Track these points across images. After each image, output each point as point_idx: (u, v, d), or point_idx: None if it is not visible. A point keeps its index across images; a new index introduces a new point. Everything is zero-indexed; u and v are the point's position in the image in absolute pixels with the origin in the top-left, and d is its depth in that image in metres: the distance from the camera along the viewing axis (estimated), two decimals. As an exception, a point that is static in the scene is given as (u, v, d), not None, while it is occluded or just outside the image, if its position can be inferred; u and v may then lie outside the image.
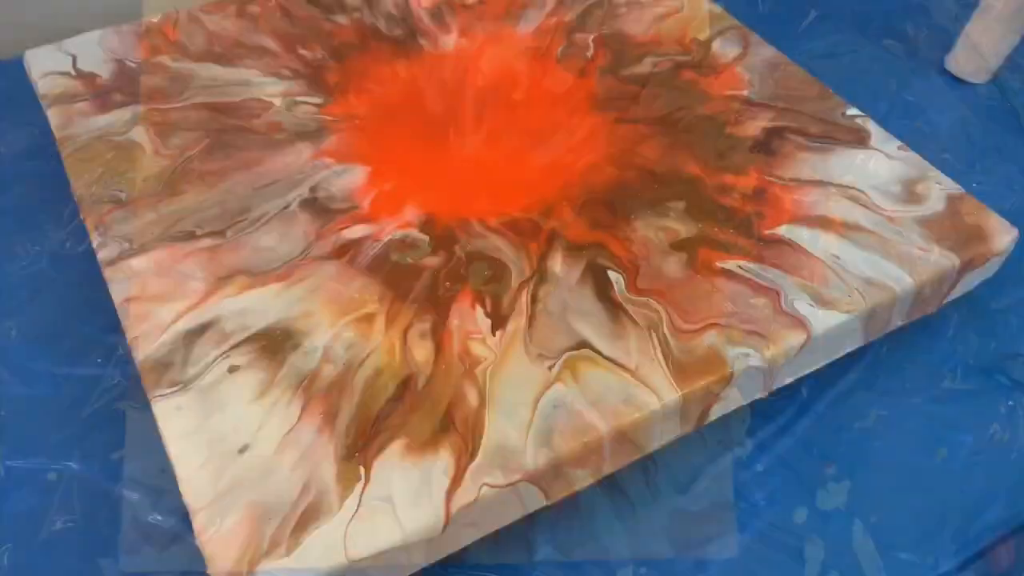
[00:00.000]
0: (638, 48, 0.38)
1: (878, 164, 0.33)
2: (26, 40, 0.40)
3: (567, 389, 0.26)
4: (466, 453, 0.24)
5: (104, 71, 0.37)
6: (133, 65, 0.37)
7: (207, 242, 0.30)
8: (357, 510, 0.23)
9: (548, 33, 0.39)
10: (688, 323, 0.28)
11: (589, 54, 0.38)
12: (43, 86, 0.36)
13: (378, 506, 0.23)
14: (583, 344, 0.27)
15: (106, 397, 0.31)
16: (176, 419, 0.25)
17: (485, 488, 0.24)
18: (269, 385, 0.26)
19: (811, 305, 0.28)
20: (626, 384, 0.26)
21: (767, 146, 0.34)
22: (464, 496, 0.24)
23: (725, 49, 0.38)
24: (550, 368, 0.26)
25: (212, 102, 0.35)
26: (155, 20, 0.39)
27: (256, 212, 0.31)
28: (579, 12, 0.40)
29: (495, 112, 0.35)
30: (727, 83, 0.36)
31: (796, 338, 0.27)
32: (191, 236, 0.30)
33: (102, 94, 0.35)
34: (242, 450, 0.24)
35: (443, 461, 0.24)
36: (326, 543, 0.23)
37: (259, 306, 0.28)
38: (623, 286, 0.29)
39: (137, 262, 0.29)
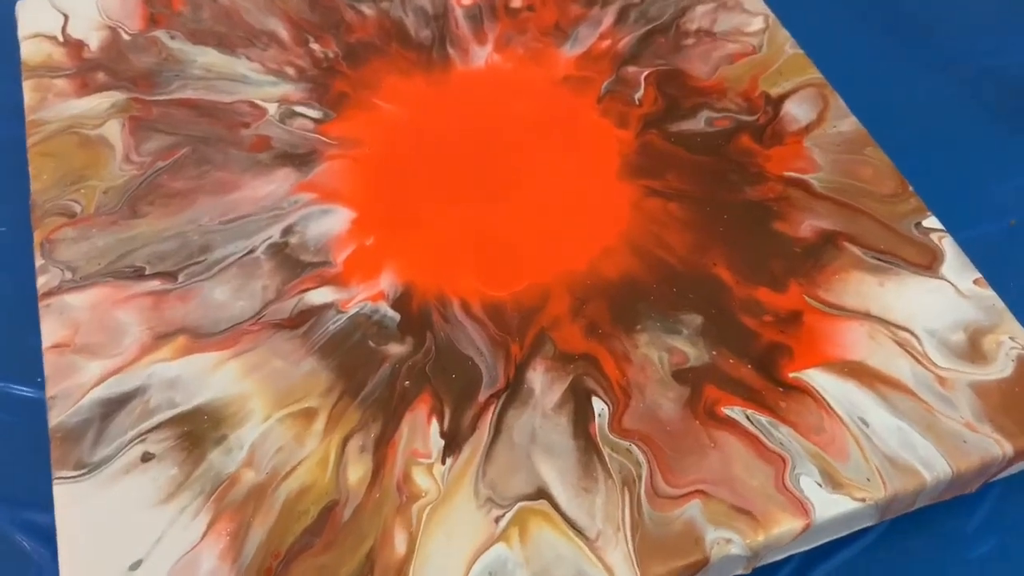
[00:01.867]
0: (696, 96, 0.33)
1: (944, 302, 0.28)
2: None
3: (510, 553, 0.22)
4: (377, 617, 0.21)
5: (93, 40, 0.33)
6: (127, 37, 0.33)
7: (155, 284, 0.27)
8: (241, 669, 0.21)
9: (596, 61, 0.33)
10: (671, 486, 0.24)
11: (637, 97, 0.32)
12: (26, 50, 0.32)
13: (265, 669, 0.21)
14: (542, 494, 0.23)
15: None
16: (72, 512, 0.22)
17: (389, 666, 0.21)
18: (180, 486, 0.23)
19: (819, 485, 0.24)
20: (580, 558, 0.22)
21: (818, 255, 0.28)
22: (363, 672, 0.21)
23: (798, 112, 0.32)
24: (497, 520, 0.23)
25: (200, 99, 0.31)
26: (163, -21, 0.35)
27: (217, 253, 0.27)
28: (638, 36, 0.34)
29: (510, 160, 0.30)
30: (789, 160, 0.31)
31: (793, 524, 0.23)
32: (139, 274, 0.27)
33: (85, 70, 0.32)
34: (133, 567, 0.22)
35: (349, 623, 0.21)
36: None
37: (193, 379, 0.25)
38: (606, 421, 0.25)
39: (74, 299, 0.26)
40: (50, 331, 0.26)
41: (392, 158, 0.30)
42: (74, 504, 0.23)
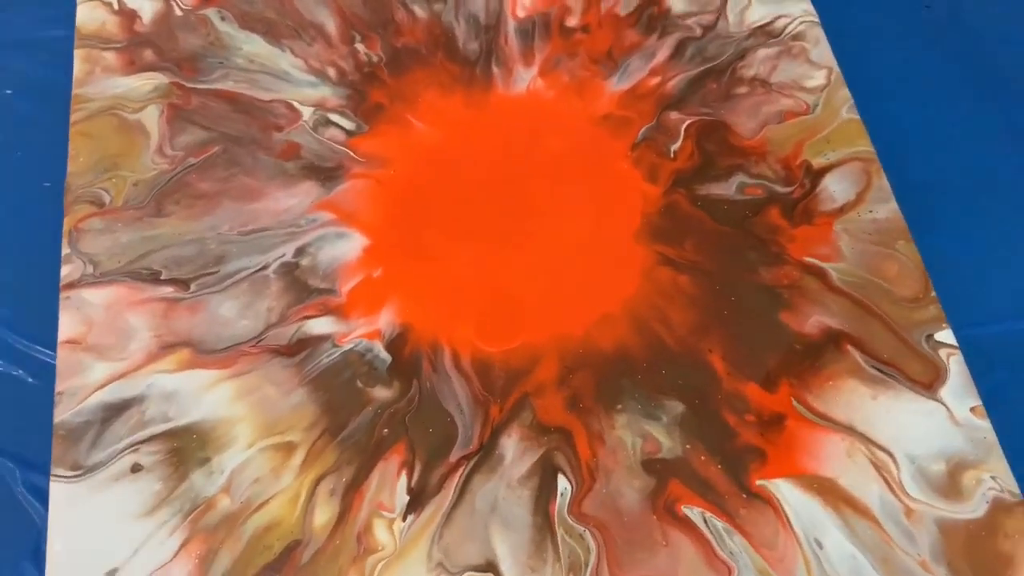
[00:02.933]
0: (734, 156, 0.32)
1: (933, 427, 0.27)
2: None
3: (450, 619, 0.24)
4: (317, 662, 0.23)
5: (147, 11, 0.33)
6: (179, 13, 0.33)
7: (168, 291, 0.28)
8: None
9: (640, 100, 0.33)
10: (615, 577, 0.25)
11: (673, 149, 0.32)
12: (81, 15, 0.33)
13: None
14: (491, 567, 0.25)
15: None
16: (65, 512, 0.25)
17: None
18: (162, 502, 0.25)
19: (759, 602, 0.25)
20: (512, 636, 0.24)
21: (817, 356, 0.28)
22: None
23: (836, 189, 0.31)
24: (444, 585, 0.24)
25: (240, 93, 0.32)
26: (223, -52, 0.35)
27: (231, 265, 0.29)
28: (690, 78, 0.33)
29: (531, 203, 0.30)
30: (814, 243, 0.30)
31: (724, 636, 0.24)
32: (155, 278, 0.28)
33: (134, 45, 0.32)
34: (109, 574, 0.24)
35: (291, 663, 0.23)
36: None
37: (189, 395, 0.26)
38: (567, 501, 0.26)
39: (92, 295, 0.28)
40: (67, 325, 0.27)
41: (415, 184, 0.30)
42: (67, 504, 0.25)
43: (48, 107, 0.36)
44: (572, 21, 0.34)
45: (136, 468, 0.25)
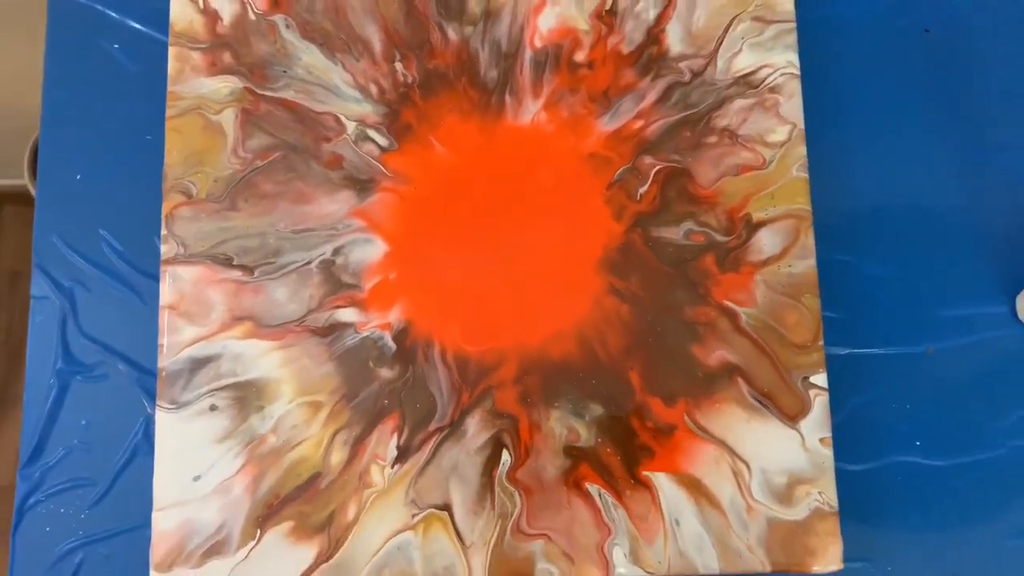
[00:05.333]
0: (689, 203, 0.39)
1: (786, 450, 0.37)
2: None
3: (414, 538, 0.36)
4: (325, 553, 0.36)
5: (226, 13, 0.40)
6: (252, 17, 0.40)
7: (237, 274, 0.38)
8: (245, 559, 0.36)
9: (622, 142, 0.39)
10: (530, 527, 0.36)
11: (640, 192, 0.39)
12: (174, 12, 0.40)
13: (258, 563, 0.36)
14: (446, 507, 0.36)
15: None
16: (167, 433, 0.36)
17: (325, 583, 0.36)
18: (230, 434, 0.36)
19: (625, 556, 0.36)
20: (455, 556, 0.36)
21: (712, 383, 0.37)
22: (310, 582, 0.36)
23: (767, 243, 0.38)
24: (413, 516, 0.36)
25: (299, 103, 0.39)
26: (292, -47, 0.40)
27: (285, 258, 0.38)
28: (669, 124, 0.39)
29: (520, 227, 0.38)
30: (734, 289, 0.38)
31: (595, 574, 0.36)
32: (228, 262, 0.38)
33: (216, 47, 0.39)
34: (196, 478, 0.36)
35: (309, 552, 0.36)
36: (220, 570, 0.36)
37: (251, 357, 0.37)
38: (506, 470, 0.36)
39: (183, 271, 0.38)
40: (166, 293, 0.37)
41: (430, 201, 0.39)
42: (167, 428, 0.36)
43: (149, 64, 0.44)
44: (581, 56, 0.40)
45: (213, 408, 0.37)
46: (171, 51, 0.39)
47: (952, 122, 0.44)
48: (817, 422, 0.37)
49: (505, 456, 0.37)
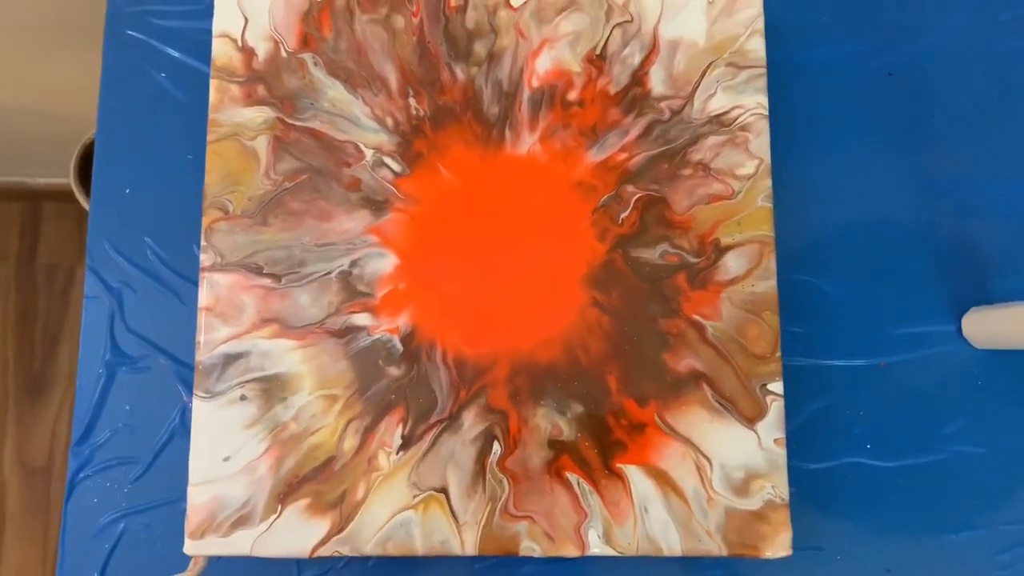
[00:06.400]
0: (665, 227, 0.44)
1: (744, 448, 0.42)
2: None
3: (415, 516, 0.41)
4: (337, 527, 0.41)
5: (261, 50, 0.45)
6: (284, 55, 0.45)
7: (266, 282, 0.43)
8: (267, 530, 0.41)
9: (607, 172, 0.44)
10: (516, 509, 0.41)
11: (622, 216, 0.44)
12: (216, 49, 0.45)
13: (278, 534, 0.41)
14: (443, 490, 0.41)
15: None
16: (202, 418, 0.42)
17: (336, 552, 0.41)
18: (257, 420, 0.42)
19: (599, 537, 0.41)
20: (449, 532, 0.41)
21: (681, 387, 0.42)
22: (323, 551, 0.41)
23: (733, 265, 0.43)
24: (414, 497, 0.41)
25: (324, 132, 0.44)
26: (320, -2, 0.46)
27: (308, 269, 0.43)
28: (648, 157, 0.44)
29: (515, 245, 0.43)
30: (702, 305, 0.43)
31: (574, 552, 0.41)
32: (259, 271, 0.43)
33: (252, 81, 0.45)
34: (226, 459, 0.42)
35: (323, 526, 0.41)
36: (245, 540, 0.41)
37: (276, 355, 0.42)
38: (496, 459, 0.42)
39: (220, 277, 0.43)
40: (204, 295, 0.43)
41: (436, 222, 0.44)
42: (202, 414, 0.42)
43: (192, 92, 0.49)
44: (573, 95, 0.45)
45: (243, 398, 0.42)
46: (212, 83, 0.45)
47: (907, 157, 0.49)
48: (772, 424, 0.42)
49: (496, 447, 0.42)
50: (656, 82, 0.45)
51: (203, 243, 0.43)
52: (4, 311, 1.18)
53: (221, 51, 0.45)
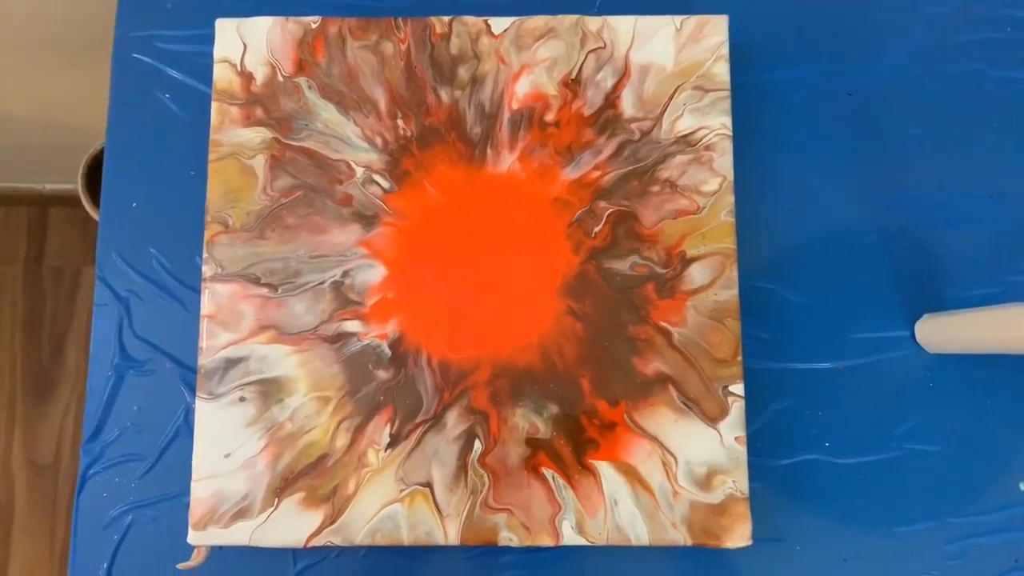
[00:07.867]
0: (634, 241, 0.47)
1: (707, 446, 0.45)
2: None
3: (401, 509, 0.44)
4: (329, 519, 0.44)
5: (259, 74, 0.48)
6: (280, 79, 0.48)
7: (263, 291, 0.46)
8: (264, 522, 0.44)
9: (582, 189, 0.47)
10: (496, 502, 0.44)
11: (595, 230, 0.47)
12: (217, 73, 0.48)
13: (275, 526, 0.44)
14: (428, 484, 0.45)
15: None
16: (204, 418, 0.45)
17: (328, 542, 0.44)
18: (255, 420, 0.45)
19: (572, 528, 0.44)
20: (433, 524, 0.44)
21: (649, 389, 0.45)
22: (317, 541, 0.44)
23: (698, 275, 0.46)
24: (401, 491, 0.44)
25: (317, 151, 0.48)
26: (314, 25, 0.49)
27: (303, 279, 0.46)
28: (620, 175, 0.47)
29: (496, 258, 0.47)
30: (669, 313, 0.46)
31: (549, 542, 0.44)
32: (256, 281, 0.46)
33: (251, 103, 0.48)
34: (227, 455, 0.45)
35: (316, 518, 0.44)
36: (244, 531, 0.44)
37: (273, 359, 0.46)
38: (477, 456, 0.45)
39: (220, 287, 0.46)
40: (206, 304, 0.46)
41: (423, 235, 0.47)
42: (205, 414, 0.45)
43: (194, 112, 0.53)
44: (550, 116, 0.48)
45: (242, 399, 0.45)
46: (213, 106, 0.48)
47: (866, 173, 0.52)
48: (734, 424, 0.45)
49: (477, 444, 0.45)
50: (627, 104, 0.48)
51: (205, 255, 0.47)
52: (12, 312, 1.21)
53: (222, 75, 0.48)
